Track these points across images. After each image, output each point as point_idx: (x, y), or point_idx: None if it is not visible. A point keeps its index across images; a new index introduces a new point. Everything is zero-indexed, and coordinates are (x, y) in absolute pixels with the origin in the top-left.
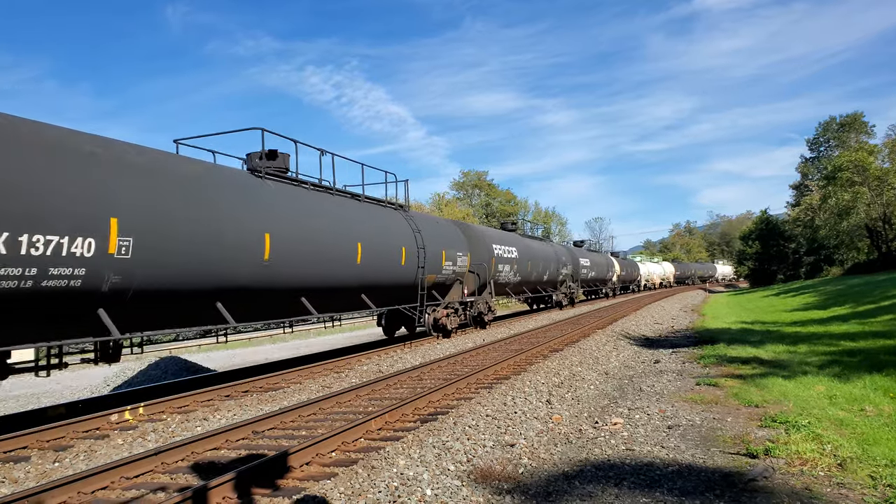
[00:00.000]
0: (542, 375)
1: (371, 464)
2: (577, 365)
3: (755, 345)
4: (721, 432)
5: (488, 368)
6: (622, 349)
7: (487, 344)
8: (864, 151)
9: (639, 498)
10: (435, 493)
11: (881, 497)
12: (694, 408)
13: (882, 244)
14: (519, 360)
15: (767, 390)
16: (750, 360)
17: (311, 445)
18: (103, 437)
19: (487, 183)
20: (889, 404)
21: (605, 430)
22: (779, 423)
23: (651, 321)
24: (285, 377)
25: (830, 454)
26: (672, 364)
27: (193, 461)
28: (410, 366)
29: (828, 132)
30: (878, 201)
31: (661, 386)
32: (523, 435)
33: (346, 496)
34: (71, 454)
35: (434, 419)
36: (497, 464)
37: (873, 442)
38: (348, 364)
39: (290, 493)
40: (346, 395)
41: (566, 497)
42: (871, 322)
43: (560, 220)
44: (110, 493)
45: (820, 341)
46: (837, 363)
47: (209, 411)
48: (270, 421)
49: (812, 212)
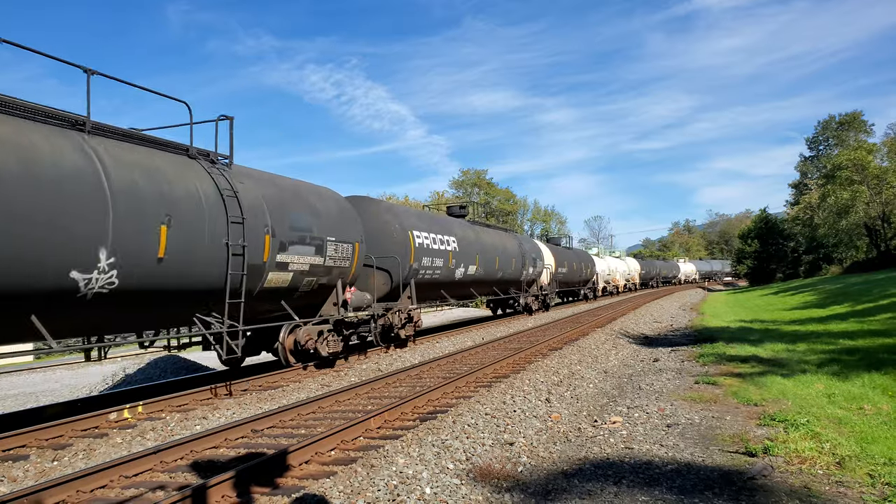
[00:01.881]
0: (541, 374)
1: (370, 462)
2: (576, 364)
3: (754, 343)
4: (720, 431)
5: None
6: (621, 348)
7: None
8: (863, 150)
9: (638, 496)
10: (434, 492)
11: (880, 495)
12: (693, 406)
13: (881, 243)
14: (515, 361)
15: (766, 389)
16: (749, 358)
17: (310, 444)
18: (102, 435)
19: (487, 181)
20: (888, 403)
21: (604, 429)
22: (778, 421)
23: (650, 319)
24: (284, 376)
25: (829, 452)
26: (671, 363)
27: (193, 460)
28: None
29: (827, 131)
30: (877, 200)
31: (661, 384)
32: (522, 433)
33: (346, 495)
34: (70, 453)
35: (433, 418)
36: (496, 462)
37: (872, 440)
38: (348, 363)
39: (289, 492)
40: (346, 394)
41: (565, 495)
42: (870, 320)
43: (560, 219)
44: (109, 492)
45: (819, 340)
46: (836, 362)
47: (208, 410)
48: (270, 419)
49: (811, 210)
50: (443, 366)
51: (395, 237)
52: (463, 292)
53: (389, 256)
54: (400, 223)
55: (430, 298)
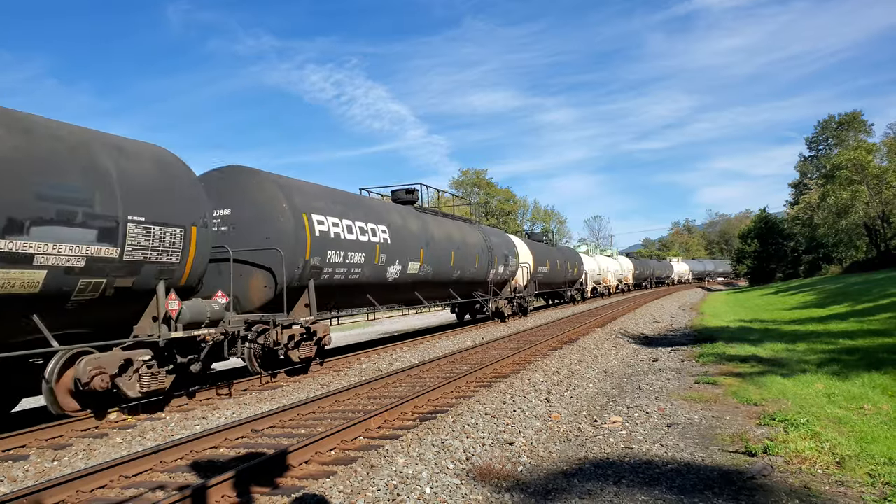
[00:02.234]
0: (541, 374)
1: (370, 462)
2: (576, 363)
3: (754, 343)
4: (720, 430)
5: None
6: (621, 348)
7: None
8: (862, 150)
9: (637, 496)
10: (434, 492)
11: (879, 495)
12: (693, 406)
13: (881, 242)
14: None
15: (766, 388)
16: (749, 358)
17: (310, 444)
18: (102, 435)
19: (486, 181)
20: (887, 402)
21: (603, 429)
22: (777, 421)
23: (650, 319)
24: (284, 376)
25: (829, 452)
26: (671, 362)
27: (192, 460)
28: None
29: (827, 131)
30: (877, 200)
31: (660, 384)
32: (522, 433)
33: (346, 494)
34: (70, 453)
35: (433, 417)
36: (496, 462)
37: (872, 440)
38: (347, 363)
39: (289, 492)
40: (346, 394)
41: (565, 495)
42: (870, 320)
43: (560, 219)
44: (109, 492)
45: (819, 339)
46: (836, 361)
47: (208, 410)
48: (269, 419)
49: (811, 210)
50: (443, 365)
51: (282, 221)
52: (403, 297)
53: (270, 249)
54: (291, 203)
55: (353, 305)
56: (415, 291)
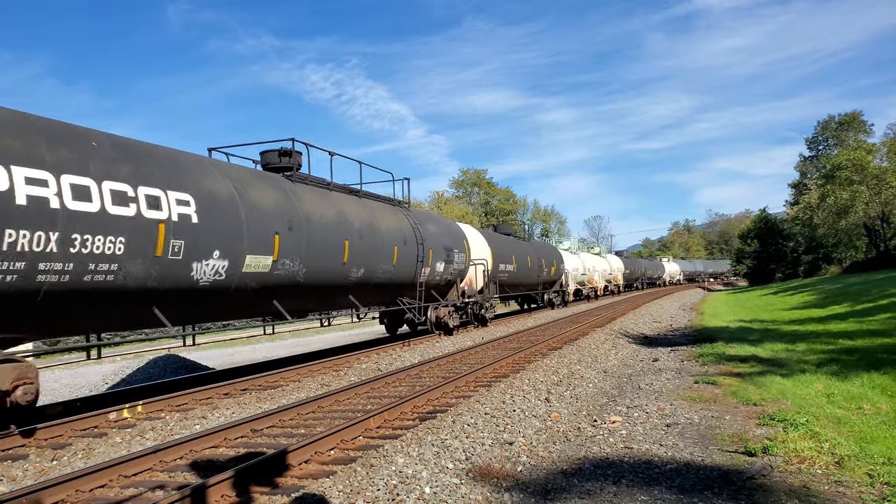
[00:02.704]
0: (541, 374)
1: (370, 462)
2: (576, 363)
3: (753, 343)
4: (719, 430)
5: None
6: (621, 348)
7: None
8: (862, 150)
9: (637, 495)
10: (434, 491)
11: (879, 495)
12: (692, 406)
13: (880, 243)
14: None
15: (766, 388)
16: (748, 358)
17: (309, 443)
18: (102, 435)
19: (486, 181)
20: (887, 402)
21: (603, 429)
22: (777, 421)
23: (650, 319)
24: (284, 375)
25: (828, 452)
26: (671, 362)
27: (192, 459)
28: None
29: (826, 131)
30: (877, 200)
31: (660, 384)
32: (522, 433)
33: (345, 494)
34: (69, 452)
35: (433, 417)
36: (496, 462)
37: (871, 440)
38: (347, 362)
39: (288, 492)
40: (345, 394)
41: (565, 495)
42: (870, 320)
43: (559, 219)
44: (108, 492)
45: (818, 340)
46: (835, 361)
47: (208, 409)
48: (269, 419)
49: (811, 210)
50: (442, 365)
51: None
52: (246, 309)
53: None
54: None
55: (101, 328)
56: (273, 301)
